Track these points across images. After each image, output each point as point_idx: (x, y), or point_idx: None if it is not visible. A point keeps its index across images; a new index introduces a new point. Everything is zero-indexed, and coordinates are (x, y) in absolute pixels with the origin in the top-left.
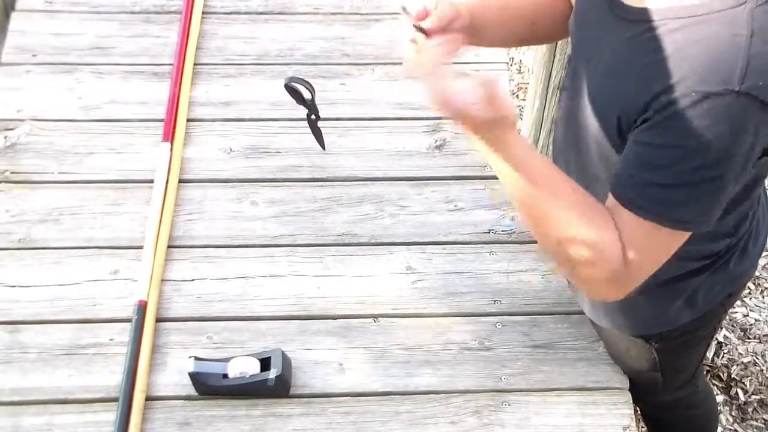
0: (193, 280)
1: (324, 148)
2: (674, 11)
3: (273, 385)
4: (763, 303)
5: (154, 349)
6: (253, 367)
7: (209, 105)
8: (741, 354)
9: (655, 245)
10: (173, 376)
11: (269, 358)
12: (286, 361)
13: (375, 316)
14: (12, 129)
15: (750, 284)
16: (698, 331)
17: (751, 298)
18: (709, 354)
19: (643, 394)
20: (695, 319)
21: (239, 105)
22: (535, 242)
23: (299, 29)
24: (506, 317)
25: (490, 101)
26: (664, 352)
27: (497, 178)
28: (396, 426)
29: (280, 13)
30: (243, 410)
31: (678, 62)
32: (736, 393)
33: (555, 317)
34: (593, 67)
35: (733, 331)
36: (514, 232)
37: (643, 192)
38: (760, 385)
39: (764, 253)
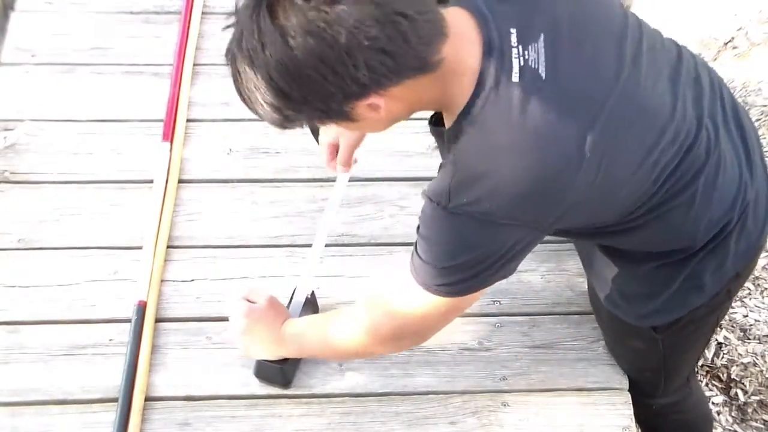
0: (192, 280)
1: None
2: None
3: (277, 373)
4: (763, 303)
5: (154, 349)
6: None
7: (209, 105)
8: (741, 354)
9: None
10: (173, 376)
11: None
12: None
13: None
14: (12, 129)
15: (750, 284)
16: (705, 319)
17: (750, 299)
18: (709, 354)
19: (639, 397)
20: (704, 305)
21: (239, 105)
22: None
23: None
24: (506, 317)
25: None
26: (671, 344)
27: None
28: (395, 426)
29: None
30: (243, 410)
31: None
32: (736, 393)
33: (554, 317)
34: None
35: (732, 332)
36: None
37: None
38: (760, 385)
39: (764, 254)
